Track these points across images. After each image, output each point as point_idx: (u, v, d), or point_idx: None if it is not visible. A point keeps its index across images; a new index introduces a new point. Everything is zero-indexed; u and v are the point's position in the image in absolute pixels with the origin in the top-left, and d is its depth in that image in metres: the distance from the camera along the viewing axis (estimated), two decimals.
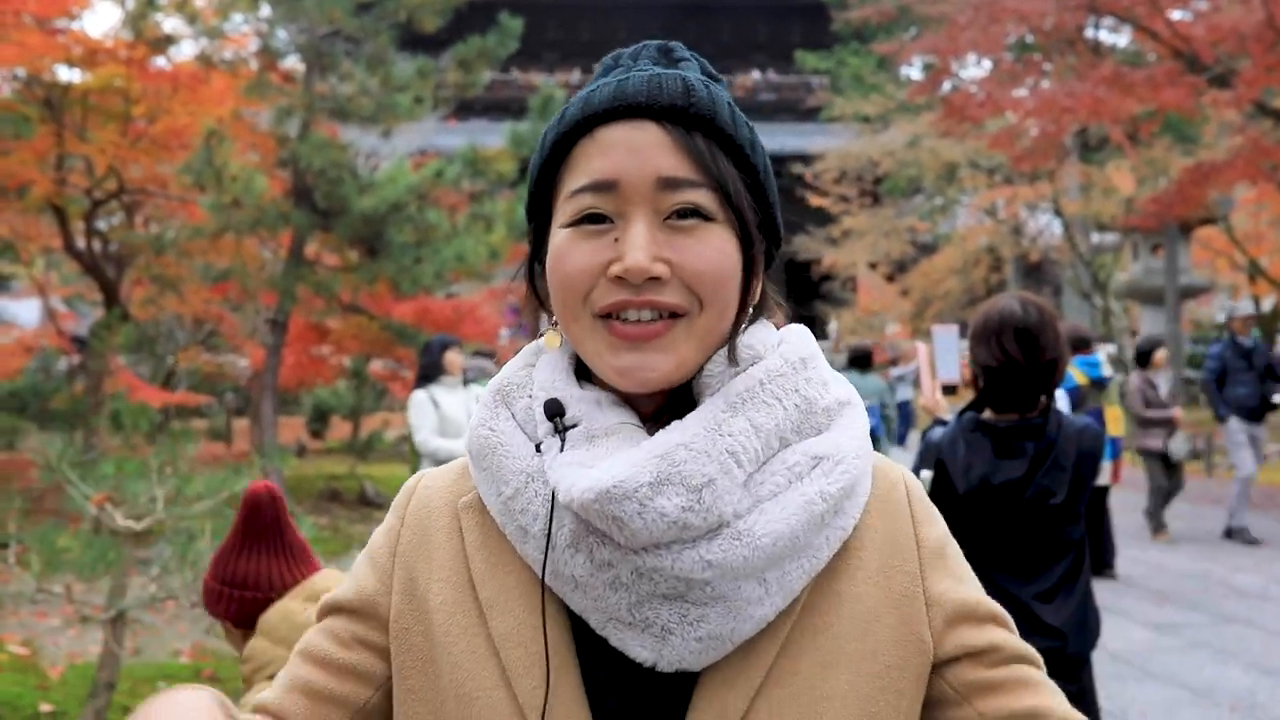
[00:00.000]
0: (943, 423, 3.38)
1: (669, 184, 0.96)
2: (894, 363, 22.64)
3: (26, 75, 11.02)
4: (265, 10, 11.69)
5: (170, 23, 11.42)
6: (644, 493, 0.91)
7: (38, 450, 9.42)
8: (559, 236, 0.99)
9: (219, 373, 16.88)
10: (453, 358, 7.04)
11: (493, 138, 12.12)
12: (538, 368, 1.07)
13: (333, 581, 2.43)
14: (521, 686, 0.97)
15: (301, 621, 2.32)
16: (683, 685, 0.97)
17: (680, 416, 1.00)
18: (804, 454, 0.99)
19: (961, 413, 3.17)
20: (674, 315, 0.97)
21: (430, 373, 7.01)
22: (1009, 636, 1.05)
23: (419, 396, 6.87)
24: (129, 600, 4.99)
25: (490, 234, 11.43)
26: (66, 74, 11.34)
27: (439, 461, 6.84)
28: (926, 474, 3.16)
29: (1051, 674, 1.07)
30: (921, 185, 27.83)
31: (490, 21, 11.72)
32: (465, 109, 15.74)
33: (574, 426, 0.99)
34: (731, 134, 0.99)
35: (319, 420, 19.98)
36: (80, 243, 12.17)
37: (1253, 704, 5.76)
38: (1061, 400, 6.47)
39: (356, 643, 1.07)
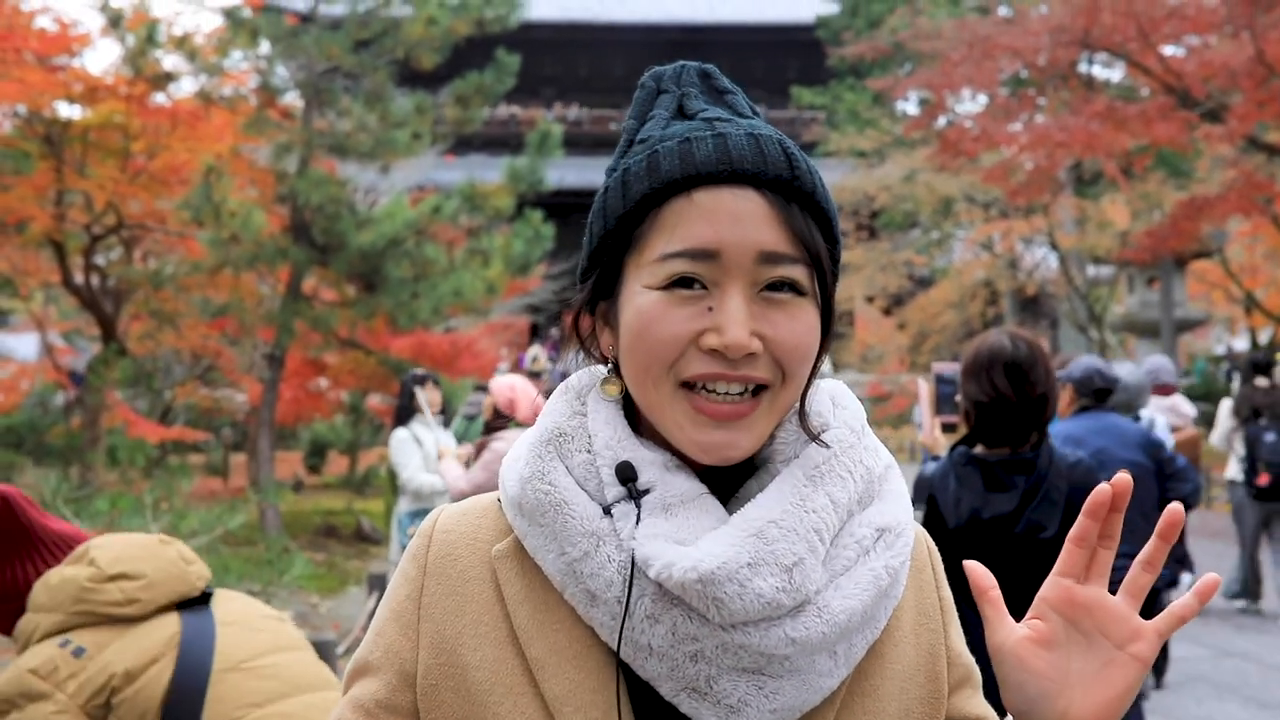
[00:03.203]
0: (938, 459, 3.40)
1: (770, 258, 0.95)
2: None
3: (27, 112, 11.09)
4: (264, 47, 11.78)
5: (170, 60, 11.51)
6: (744, 574, 0.91)
7: (33, 485, 9.42)
8: (646, 298, 0.96)
9: (216, 408, 16.87)
10: (430, 395, 7.03)
11: (490, 173, 12.19)
12: (593, 420, 1.03)
13: (99, 544, 2.32)
14: None
15: (54, 582, 2.23)
16: None
17: (737, 477, 1.02)
18: (868, 526, 1.01)
19: (953, 447, 3.18)
20: (758, 390, 0.96)
21: (404, 415, 7.01)
22: (989, 709, 1.11)
23: (401, 434, 6.86)
24: None
25: (488, 269, 11.46)
26: (67, 110, 11.41)
27: (425, 496, 6.84)
28: (917, 514, 3.16)
29: None
30: (918, 219, 27.93)
31: (488, 58, 11.82)
32: (463, 145, 15.82)
33: (647, 493, 0.97)
34: (826, 208, 0.99)
35: (316, 455, 19.93)
36: (79, 277, 12.20)
37: None
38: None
39: (382, 710, 1.02)
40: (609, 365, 1.05)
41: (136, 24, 10.98)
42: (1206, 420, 25.18)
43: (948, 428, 3.65)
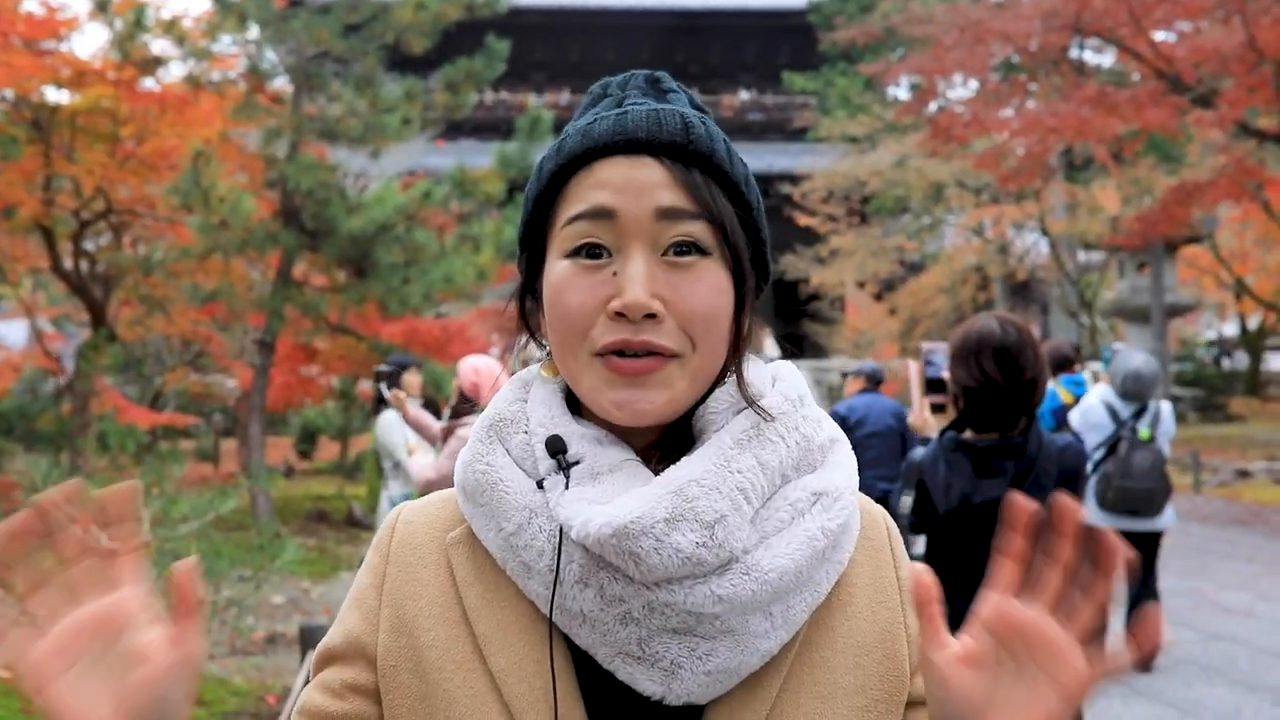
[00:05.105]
0: (927, 442, 3.39)
1: (667, 214, 0.96)
2: None
3: (14, 96, 11.03)
4: (253, 31, 11.72)
5: (158, 44, 11.45)
6: (660, 528, 0.92)
7: (23, 471, 9.40)
8: (557, 268, 1.00)
9: (206, 393, 16.86)
10: (410, 379, 7.00)
11: (481, 158, 12.16)
12: (531, 403, 1.06)
13: None
14: None
15: None
16: (688, 719, 0.98)
17: (676, 452, 1.02)
18: (804, 490, 1.00)
19: (942, 433, 3.18)
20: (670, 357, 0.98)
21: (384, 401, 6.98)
22: None
23: (391, 419, 6.84)
24: None
25: (478, 254, 11.46)
26: (55, 95, 11.35)
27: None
28: (907, 499, 3.16)
29: None
30: (909, 205, 27.95)
31: (478, 43, 11.78)
32: (453, 130, 15.79)
33: (577, 463, 0.99)
34: (728, 170, 1.00)
35: (307, 441, 19.94)
36: (68, 263, 12.16)
37: None
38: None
39: (348, 690, 1.04)
40: (547, 349, 1.08)
41: (124, 8, 10.92)
42: (1202, 406, 25.34)
43: (937, 408, 3.64)
